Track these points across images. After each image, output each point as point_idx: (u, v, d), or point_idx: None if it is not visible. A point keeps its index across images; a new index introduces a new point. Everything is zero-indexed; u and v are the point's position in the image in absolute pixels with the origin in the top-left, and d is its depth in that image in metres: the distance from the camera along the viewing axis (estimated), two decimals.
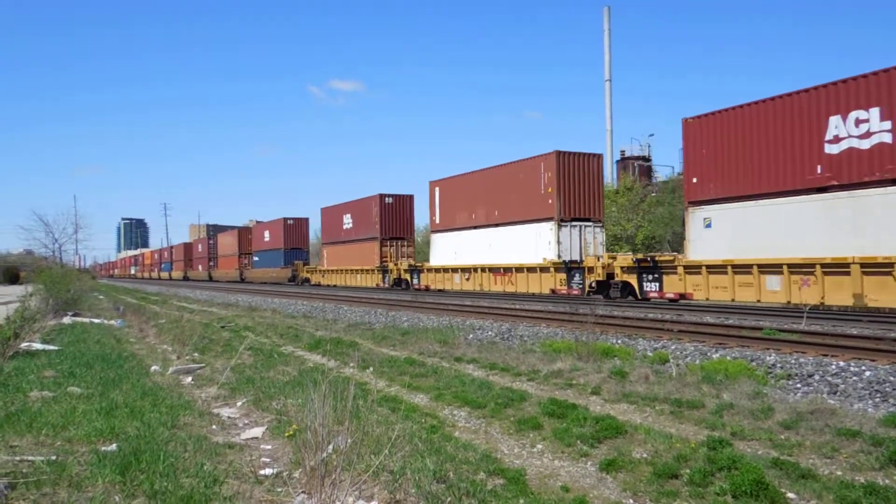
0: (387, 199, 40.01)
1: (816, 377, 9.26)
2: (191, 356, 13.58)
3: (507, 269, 28.89)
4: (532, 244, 27.35)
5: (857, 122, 16.29)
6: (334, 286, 45.53)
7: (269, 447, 6.81)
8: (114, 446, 6.20)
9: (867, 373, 9.11)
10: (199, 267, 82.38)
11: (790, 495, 5.11)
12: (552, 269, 26.34)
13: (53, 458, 5.80)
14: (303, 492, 5.07)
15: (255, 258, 62.94)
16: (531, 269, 27.44)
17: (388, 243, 40.02)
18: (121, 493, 4.99)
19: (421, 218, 59.74)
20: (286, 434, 6.84)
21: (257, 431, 7.41)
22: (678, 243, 39.90)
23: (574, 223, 26.70)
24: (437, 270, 34.11)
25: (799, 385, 9.12)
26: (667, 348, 11.93)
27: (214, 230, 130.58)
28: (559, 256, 26.14)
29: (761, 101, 18.72)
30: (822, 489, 5.18)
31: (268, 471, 5.89)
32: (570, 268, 25.64)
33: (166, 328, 19.75)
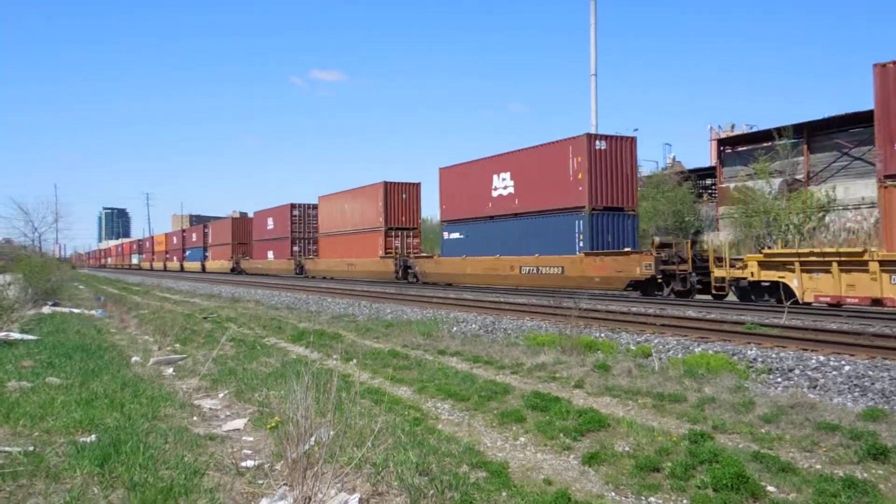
0: None
1: (797, 371, 9.35)
2: (172, 347, 13.47)
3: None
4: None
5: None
6: None
7: (251, 439, 6.77)
8: (93, 437, 6.12)
9: (846, 367, 9.21)
10: (270, 254, 52.62)
11: (770, 488, 5.15)
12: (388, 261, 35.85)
13: (31, 449, 5.72)
14: (284, 484, 5.03)
15: (454, 235, 31.05)
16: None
17: None
18: (99, 485, 4.93)
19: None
20: (268, 426, 6.79)
21: (239, 423, 7.36)
22: (663, 236, 40.51)
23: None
24: None
25: (779, 379, 9.21)
26: (650, 342, 11.99)
27: (198, 221, 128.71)
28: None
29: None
30: (801, 482, 5.22)
31: (249, 463, 5.84)
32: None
33: (147, 319, 19.57)
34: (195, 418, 7.59)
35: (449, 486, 5.01)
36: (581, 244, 23.87)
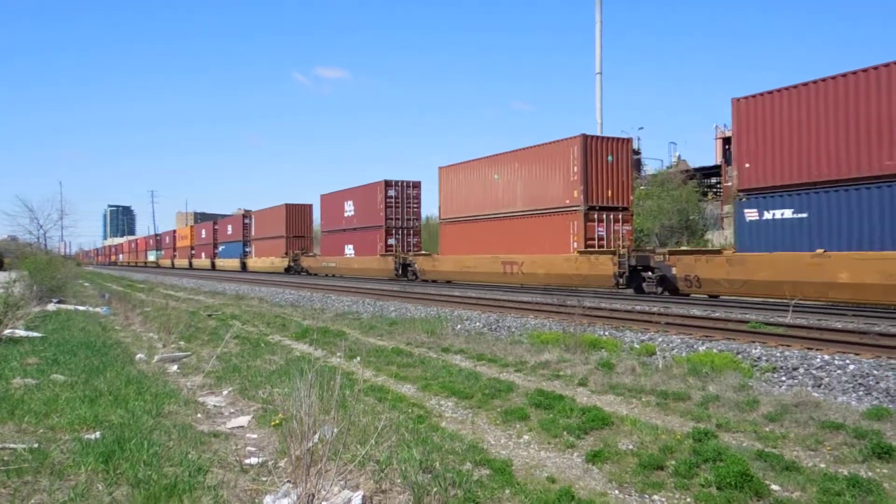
0: None
1: (801, 370, 9.33)
2: (177, 344, 13.51)
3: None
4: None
5: None
6: None
7: (255, 436, 6.78)
8: (97, 434, 6.14)
9: (851, 366, 9.18)
10: (349, 249, 39.53)
11: (774, 487, 5.14)
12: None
13: (35, 445, 5.74)
14: (288, 481, 5.04)
15: (775, 213, 16.96)
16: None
17: None
18: (104, 482, 4.94)
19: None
20: (272, 423, 6.81)
21: (243, 420, 7.38)
22: (666, 236, 39.94)
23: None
24: None
25: (784, 378, 9.19)
26: (653, 340, 11.98)
27: (203, 218, 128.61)
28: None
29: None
30: (805, 481, 5.21)
31: (253, 460, 5.86)
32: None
33: (152, 316, 19.62)
34: (199, 415, 7.61)
35: (452, 483, 5.02)
36: None
